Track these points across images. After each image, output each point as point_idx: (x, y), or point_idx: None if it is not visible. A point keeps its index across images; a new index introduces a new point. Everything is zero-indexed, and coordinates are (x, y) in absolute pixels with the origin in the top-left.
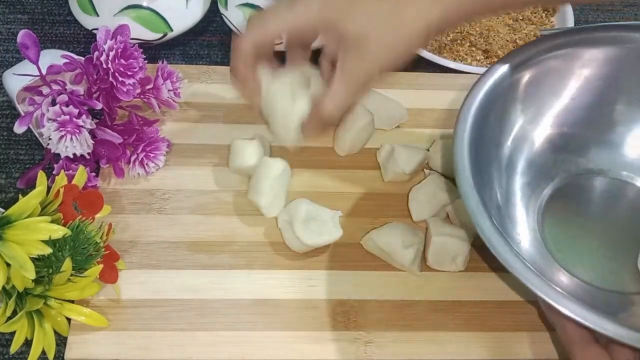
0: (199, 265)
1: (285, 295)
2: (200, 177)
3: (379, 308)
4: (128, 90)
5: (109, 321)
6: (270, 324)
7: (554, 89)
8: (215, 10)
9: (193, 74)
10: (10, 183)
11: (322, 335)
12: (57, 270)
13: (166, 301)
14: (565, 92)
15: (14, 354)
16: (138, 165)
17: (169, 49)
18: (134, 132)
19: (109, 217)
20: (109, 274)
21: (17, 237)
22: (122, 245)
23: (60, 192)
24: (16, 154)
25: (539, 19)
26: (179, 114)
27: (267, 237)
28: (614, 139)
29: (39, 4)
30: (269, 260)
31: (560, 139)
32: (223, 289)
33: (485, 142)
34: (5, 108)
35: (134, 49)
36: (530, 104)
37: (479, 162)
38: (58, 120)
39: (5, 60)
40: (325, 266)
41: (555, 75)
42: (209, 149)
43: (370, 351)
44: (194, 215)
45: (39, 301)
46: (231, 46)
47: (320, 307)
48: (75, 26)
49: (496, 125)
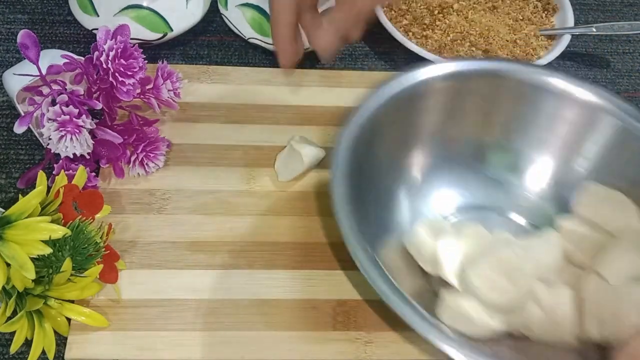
0: (199, 265)
1: (285, 295)
2: (200, 177)
3: (379, 308)
4: (128, 90)
5: (109, 321)
6: (270, 324)
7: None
8: (215, 10)
9: (193, 74)
10: (10, 183)
11: (322, 335)
12: (57, 270)
13: (166, 301)
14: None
15: (14, 354)
16: (138, 165)
17: (169, 49)
18: (134, 132)
19: (109, 217)
20: (109, 274)
21: (17, 237)
22: (122, 245)
23: (60, 192)
24: (16, 154)
25: (539, 19)
26: (179, 114)
27: (267, 237)
28: (492, 174)
29: (39, 4)
30: (269, 260)
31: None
32: (223, 289)
33: (364, 174)
34: (5, 108)
35: (134, 49)
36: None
37: (357, 193)
38: (58, 120)
39: (5, 60)
40: (325, 266)
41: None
42: (209, 149)
43: (370, 351)
44: (194, 215)
45: (39, 301)
46: (270, 11)
47: (320, 307)
48: (75, 26)
49: (375, 156)
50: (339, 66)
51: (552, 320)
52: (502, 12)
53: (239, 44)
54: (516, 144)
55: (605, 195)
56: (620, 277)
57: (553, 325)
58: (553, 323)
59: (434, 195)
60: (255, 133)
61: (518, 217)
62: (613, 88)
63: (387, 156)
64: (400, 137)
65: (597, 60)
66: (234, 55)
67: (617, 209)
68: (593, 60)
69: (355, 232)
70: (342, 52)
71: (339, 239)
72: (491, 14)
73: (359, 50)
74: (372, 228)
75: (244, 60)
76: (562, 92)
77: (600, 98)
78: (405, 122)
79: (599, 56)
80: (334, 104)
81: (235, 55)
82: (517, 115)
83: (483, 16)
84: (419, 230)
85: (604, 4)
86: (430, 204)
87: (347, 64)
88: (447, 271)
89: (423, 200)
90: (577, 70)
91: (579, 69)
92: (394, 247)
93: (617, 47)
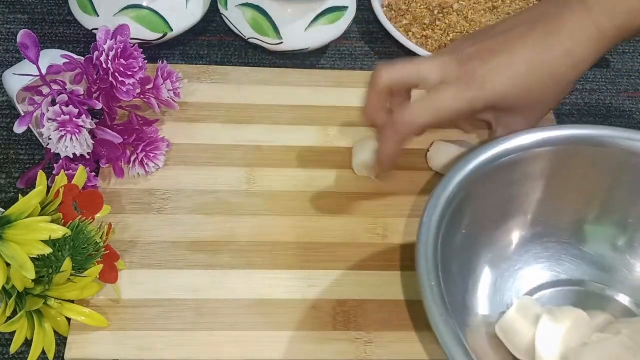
0: (199, 265)
1: (285, 295)
2: (200, 177)
3: (379, 308)
4: (128, 90)
5: (109, 321)
6: (270, 324)
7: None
8: (215, 10)
9: (193, 74)
10: (10, 183)
11: (322, 335)
12: (57, 270)
13: (166, 301)
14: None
15: (14, 354)
16: (138, 165)
17: (169, 49)
18: (134, 132)
19: (109, 217)
20: (109, 274)
21: (17, 237)
22: (122, 245)
23: (60, 192)
24: (16, 154)
25: None
26: (179, 114)
27: (267, 237)
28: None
29: (39, 4)
30: (269, 260)
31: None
32: (223, 289)
33: (450, 247)
34: (5, 108)
35: (134, 49)
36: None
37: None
38: (58, 120)
39: (5, 60)
40: (325, 266)
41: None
42: (209, 149)
43: (370, 351)
44: (194, 215)
45: (39, 301)
46: (369, 80)
47: (320, 307)
48: (75, 26)
49: (463, 229)
50: (339, 66)
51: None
52: (502, 12)
53: (239, 44)
54: (621, 219)
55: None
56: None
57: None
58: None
59: (524, 272)
60: (255, 133)
61: (622, 297)
62: (613, 88)
63: (475, 229)
64: (490, 210)
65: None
66: (234, 55)
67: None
68: None
69: (446, 319)
70: (342, 52)
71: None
72: (491, 14)
73: (359, 50)
74: (457, 307)
75: (244, 60)
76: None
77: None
78: (495, 193)
79: None
80: (334, 104)
81: (235, 55)
82: (621, 185)
83: (483, 16)
84: (511, 315)
85: None
86: (520, 280)
87: (347, 64)
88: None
89: (512, 277)
90: None
91: None
92: (480, 329)
93: (617, 47)
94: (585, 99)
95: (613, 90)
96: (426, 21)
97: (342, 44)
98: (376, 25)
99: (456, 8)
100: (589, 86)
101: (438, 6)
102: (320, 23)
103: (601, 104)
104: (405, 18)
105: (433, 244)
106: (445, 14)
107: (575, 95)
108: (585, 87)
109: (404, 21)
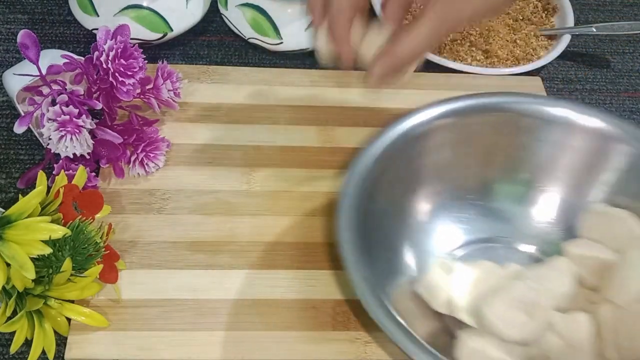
0: (199, 265)
1: (285, 295)
2: (200, 177)
3: None
4: (128, 90)
5: (109, 321)
6: (270, 324)
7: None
8: (215, 10)
9: (193, 74)
10: (10, 183)
11: (322, 335)
12: (57, 270)
13: (166, 301)
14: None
15: (14, 354)
16: (138, 165)
17: (169, 49)
18: (134, 132)
19: (109, 217)
20: (109, 274)
21: (17, 237)
22: (122, 245)
23: (60, 192)
24: (16, 154)
25: (539, 19)
26: (179, 114)
27: (267, 237)
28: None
29: (39, 4)
30: (269, 260)
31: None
32: (223, 289)
33: (370, 218)
34: (5, 108)
35: (134, 49)
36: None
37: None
38: (58, 120)
39: (5, 60)
40: (325, 266)
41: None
42: (209, 149)
43: (370, 351)
44: (194, 215)
45: (39, 301)
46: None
47: (320, 307)
48: (75, 26)
49: (380, 200)
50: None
51: (571, 348)
52: (502, 12)
53: (239, 44)
54: (521, 176)
55: (609, 214)
56: (631, 298)
57: (572, 353)
58: (572, 350)
59: (440, 233)
60: (255, 133)
61: (527, 247)
62: (613, 88)
63: (391, 198)
64: (403, 179)
65: (597, 60)
66: (234, 55)
67: (622, 227)
68: (593, 60)
69: (367, 282)
70: None
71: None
72: None
73: None
74: (381, 272)
75: (244, 60)
76: (565, 121)
77: (607, 124)
78: (407, 164)
79: (599, 56)
80: (334, 104)
81: (235, 55)
82: (520, 147)
83: None
84: (429, 272)
85: (604, 4)
86: (436, 242)
87: None
88: (462, 311)
89: (429, 239)
90: (577, 70)
91: (579, 69)
92: (404, 290)
93: (617, 47)
94: (585, 99)
95: (613, 90)
96: None
97: None
98: None
99: None
100: (589, 86)
101: None
102: None
103: (601, 104)
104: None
105: (355, 215)
106: None
107: (575, 95)
108: (585, 87)
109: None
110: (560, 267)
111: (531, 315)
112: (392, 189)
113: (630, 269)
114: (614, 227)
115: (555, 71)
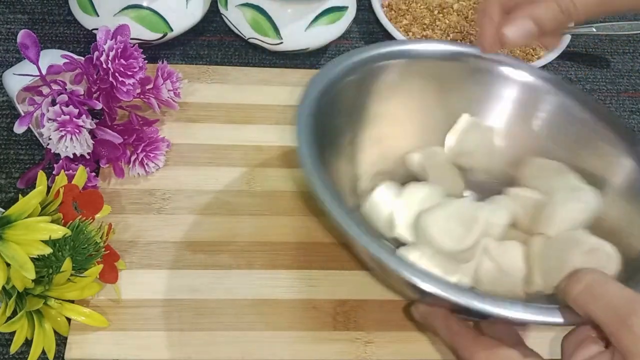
0: (199, 265)
1: (285, 295)
2: (200, 177)
3: (379, 308)
4: (128, 90)
5: (109, 321)
6: (270, 324)
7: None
8: (215, 10)
9: (193, 74)
10: (10, 183)
11: (322, 335)
12: (57, 270)
13: (166, 301)
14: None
15: (14, 354)
16: (138, 165)
17: (169, 49)
18: (134, 132)
19: (109, 217)
20: (109, 274)
21: (17, 237)
22: (122, 245)
23: (60, 192)
24: (16, 154)
25: None
26: (179, 114)
27: (267, 237)
28: None
29: (39, 4)
30: (269, 260)
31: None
32: (223, 289)
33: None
34: (5, 108)
35: (134, 49)
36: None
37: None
38: (58, 120)
39: (5, 60)
40: (325, 266)
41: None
42: (209, 149)
43: (370, 351)
44: (194, 215)
45: (39, 301)
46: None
47: (320, 307)
48: (75, 26)
49: (334, 122)
50: None
51: (502, 273)
52: None
53: (239, 44)
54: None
55: (546, 166)
56: (559, 228)
57: (503, 277)
58: (503, 275)
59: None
60: (255, 133)
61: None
62: (613, 88)
63: (345, 119)
64: (355, 107)
65: (597, 60)
66: (234, 55)
67: (557, 176)
68: (593, 60)
69: (327, 185)
70: (342, 52)
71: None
72: None
73: None
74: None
75: (244, 60)
76: (504, 75)
77: (538, 78)
78: (358, 97)
79: (599, 56)
80: None
81: (235, 55)
82: (467, 95)
83: None
84: (375, 194)
85: None
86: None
87: None
88: (403, 226)
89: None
90: (577, 70)
91: (579, 69)
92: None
93: (617, 47)
94: None
95: (613, 90)
96: (426, 21)
97: (342, 44)
98: (376, 25)
99: (456, 8)
100: (589, 86)
101: (438, 6)
102: (320, 23)
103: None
104: (405, 18)
105: (310, 137)
106: (445, 14)
107: None
108: (585, 87)
109: (404, 21)
110: (499, 202)
111: (469, 230)
112: (346, 113)
113: (557, 205)
114: (548, 176)
115: (555, 71)
